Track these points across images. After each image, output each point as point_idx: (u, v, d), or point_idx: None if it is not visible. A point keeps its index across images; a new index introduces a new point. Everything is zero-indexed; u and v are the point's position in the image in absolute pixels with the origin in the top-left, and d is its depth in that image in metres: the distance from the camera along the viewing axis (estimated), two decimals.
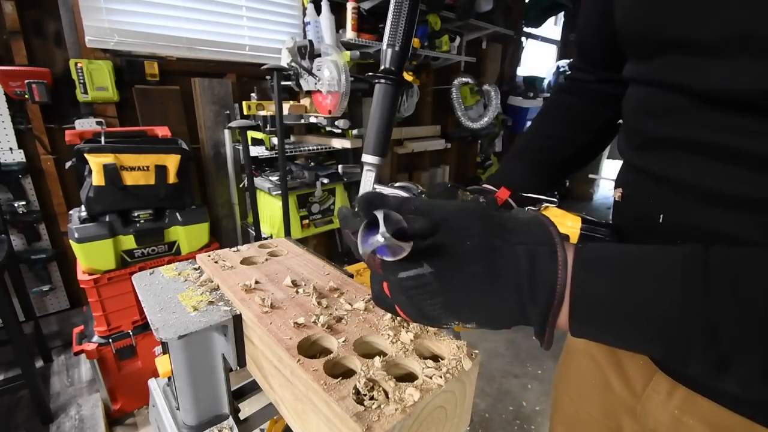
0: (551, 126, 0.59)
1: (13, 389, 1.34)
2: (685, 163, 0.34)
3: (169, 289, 0.47)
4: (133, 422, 1.51)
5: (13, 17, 1.44)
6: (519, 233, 0.28)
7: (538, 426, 1.58)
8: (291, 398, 0.36)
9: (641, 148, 0.40)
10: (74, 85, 1.57)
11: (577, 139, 0.58)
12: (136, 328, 1.45)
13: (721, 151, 0.31)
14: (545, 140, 0.59)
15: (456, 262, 0.27)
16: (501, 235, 0.27)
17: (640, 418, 0.44)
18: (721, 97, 0.30)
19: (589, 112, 0.57)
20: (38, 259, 1.65)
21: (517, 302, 0.27)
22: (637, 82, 0.41)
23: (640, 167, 0.41)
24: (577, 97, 0.58)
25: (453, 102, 2.83)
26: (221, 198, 2.07)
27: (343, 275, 0.51)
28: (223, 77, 1.98)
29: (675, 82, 0.34)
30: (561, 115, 0.59)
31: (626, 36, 0.39)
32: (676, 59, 0.33)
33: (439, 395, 0.30)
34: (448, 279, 0.27)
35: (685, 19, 0.30)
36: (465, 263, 0.27)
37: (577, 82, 0.58)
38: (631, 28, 0.38)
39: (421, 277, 0.27)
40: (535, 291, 0.26)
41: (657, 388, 0.41)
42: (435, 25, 2.51)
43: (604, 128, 0.57)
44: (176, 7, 1.80)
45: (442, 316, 0.28)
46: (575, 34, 0.57)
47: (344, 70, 1.68)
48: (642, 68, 0.39)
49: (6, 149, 1.54)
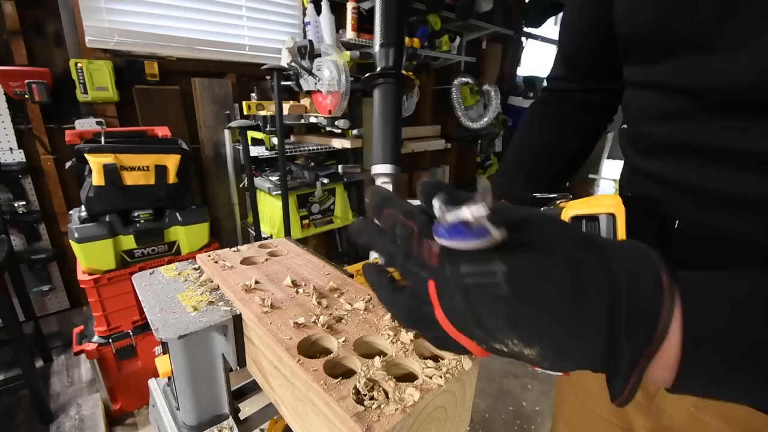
0: (540, 138, 0.58)
1: (13, 389, 1.34)
2: (694, 167, 0.34)
3: (169, 289, 0.47)
4: (133, 422, 1.51)
5: (13, 17, 1.44)
6: (614, 250, 0.22)
7: (538, 426, 1.58)
8: (291, 398, 0.36)
9: (648, 153, 0.40)
10: (74, 85, 1.57)
11: (567, 149, 0.57)
12: (136, 328, 1.45)
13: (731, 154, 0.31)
14: (537, 154, 0.58)
15: (537, 267, 0.21)
16: (593, 249, 0.22)
17: (655, 417, 0.43)
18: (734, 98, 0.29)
19: (577, 122, 0.56)
20: (38, 259, 1.65)
21: (607, 328, 0.21)
22: (641, 86, 0.40)
23: (646, 172, 0.40)
24: (563, 108, 0.57)
25: (453, 102, 2.83)
26: (221, 198, 2.07)
27: (343, 275, 0.51)
28: (223, 77, 1.98)
29: (684, 85, 0.33)
30: (549, 127, 0.58)
31: (632, 37, 0.38)
32: (689, 60, 0.32)
33: (439, 395, 0.30)
34: (523, 283, 0.21)
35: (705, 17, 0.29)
36: (548, 270, 0.21)
37: (560, 93, 0.57)
38: (639, 27, 0.36)
39: (490, 275, 0.21)
40: (633, 318, 0.20)
41: None
42: (435, 25, 2.51)
43: (591, 136, 0.57)
44: (176, 7, 1.80)
45: (501, 330, 0.22)
46: (558, 47, 0.56)
47: (344, 70, 1.68)
48: (648, 71, 0.37)
49: (6, 149, 1.54)
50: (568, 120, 0.56)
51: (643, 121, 0.40)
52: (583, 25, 0.50)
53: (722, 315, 0.21)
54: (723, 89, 0.30)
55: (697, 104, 0.32)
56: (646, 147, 0.40)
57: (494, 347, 0.23)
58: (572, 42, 0.53)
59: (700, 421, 0.38)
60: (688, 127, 0.34)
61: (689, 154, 0.34)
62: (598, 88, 0.53)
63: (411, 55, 2.31)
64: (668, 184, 0.37)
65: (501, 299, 0.21)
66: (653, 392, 0.43)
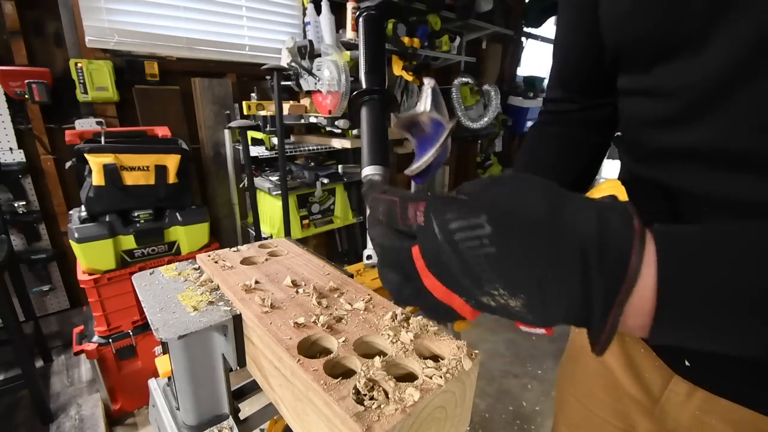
0: (543, 160, 0.57)
1: (13, 389, 1.34)
2: (691, 171, 0.34)
3: (169, 289, 0.47)
4: (133, 422, 1.51)
5: (13, 17, 1.44)
6: (589, 200, 0.23)
7: (538, 426, 1.58)
8: (291, 398, 0.36)
9: (644, 159, 0.40)
10: (74, 85, 1.57)
11: (570, 168, 0.56)
12: (136, 328, 1.45)
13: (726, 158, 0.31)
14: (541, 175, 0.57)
15: (517, 213, 0.22)
16: (568, 197, 0.23)
17: (659, 420, 0.43)
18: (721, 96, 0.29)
19: (579, 140, 0.55)
20: (38, 259, 1.65)
21: (582, 271, 0.21)
22: (632, 93, 0.40)
23: (643, 177, 0.40)
24: (563, 128, 0.56)
25: (453, 102, 2.83)
26: (221, 198, 2.07)
27: (343, 275, 0.51)
28: (223, 77, 1.98)
29: (675, 87, 0.33)
30: (551, 148, 0.57)
31: (623, 46, 0.38)
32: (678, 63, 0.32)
33: (439, 395, 0.30)
34: (505, 227, 0.22)
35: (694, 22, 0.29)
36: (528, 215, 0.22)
37: (559, 115, 0.56)
38: (630, 35, 0.36)
39: (474, 218, 0.22)
40: (604, 259, 0.21)
41: (676, 390, 0.41)
42: (435, 25, 2.51)
43: (596, 152, 0.56)
44: (176, 7, 1.80)
45: (487, 276, 0.22)
46: (552, 68, 0.55)
47: (344, 70, 1.67)
48: (639, 78, 0.37)
49: (6, 149, 1.54)
50: (571, 139, 0.55)
51: (637, 128, 0.40)
52: (576, 44, 0.50)
53: (698, 259, 0.21)
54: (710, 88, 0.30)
55: (687, 106, 0.32)
56: (642, 153, 0.40)
57: (482, 301, 0.24)
58: (566, 62, 0.53)
59: (705, 425, 0.38)
60: (680, 131, 0.33)
61: (684, 158, 0.34)
62: (596, 105, 0.52)
63: (411, 55, 2.31)
64: (666, 189, 0.37)
65: (486, 241, 0.22)
66: (657, 395, 0.43)
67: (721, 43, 0.28)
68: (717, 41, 0.28)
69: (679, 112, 0.33)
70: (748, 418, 0.35)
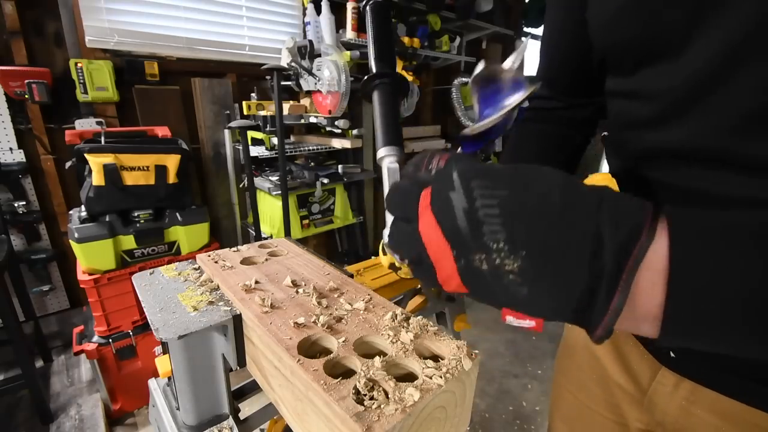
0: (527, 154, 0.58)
1: (13, 389, 1.34)
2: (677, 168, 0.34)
3: (169, 289, 0.47)
4: (133, 422, 1.51)
5: (13, 17, 1.45)
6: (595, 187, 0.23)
7: (538, 426, 1.58)
8: (291, 398, 0.36)
9: (631, 158, 0.40)
10: (74, 85, 1.57)
11: (554, 162, 0.57)
12: (136, 328, 1.45)
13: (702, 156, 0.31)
14: None
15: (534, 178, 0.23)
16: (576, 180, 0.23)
17: (647, 410, 0.44)
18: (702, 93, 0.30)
19: (562, 136, 0.57)
20: (38, 259, 1.66)
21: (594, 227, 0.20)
22: (618, 95, 0.41)
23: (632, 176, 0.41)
24: (547, 125, 0.57)
25: (453, 102, 2.83)
26: (221, 198, 2.07)
27: (343, 275, 0.51)
28: (223, 77, 1.98)
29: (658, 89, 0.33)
30: (535, 143, 0.58)
31: (609, 49, 0.39)
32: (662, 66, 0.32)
33: (439, 395, 0.30)
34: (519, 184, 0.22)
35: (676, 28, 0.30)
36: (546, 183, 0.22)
37: (543, 112, 0.58)
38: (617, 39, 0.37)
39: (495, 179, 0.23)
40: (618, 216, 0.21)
41: (663, 381, 0.42)
42: (435, 25, 2.51)
43: (576, 149, 0.58)
44: (176, 7, 1.81)
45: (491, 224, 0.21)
46: (538, 67, 0.56)
47: (344, 70, 1.68)
48: (624, 81, 0.38)
49: (6, 149, 1.54)
50: (555, 135, 0.57)
51: (623, 128, 0.40)
52: (563, 45, 0.51)
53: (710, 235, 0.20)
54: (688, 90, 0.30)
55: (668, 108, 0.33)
56: (628, 152, 0.40)
57: (472, 262, 0.22)
58: (552, 61, 0.54)
59: (691, 415, 0.39)
60: (663, 132, 0.34)
61: (668, 157, 0.35)
62: (579, 104, 0.54)
63: (411, 55, 2.31)
64: (655, 187, 0.37)
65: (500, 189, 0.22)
66: (645, 387, 0.44)
67: (697, 49, 0.29)
68: (694, 47, 0.29)
69: (661, 114, 0.34)
70: (734, 408, 0.36)
